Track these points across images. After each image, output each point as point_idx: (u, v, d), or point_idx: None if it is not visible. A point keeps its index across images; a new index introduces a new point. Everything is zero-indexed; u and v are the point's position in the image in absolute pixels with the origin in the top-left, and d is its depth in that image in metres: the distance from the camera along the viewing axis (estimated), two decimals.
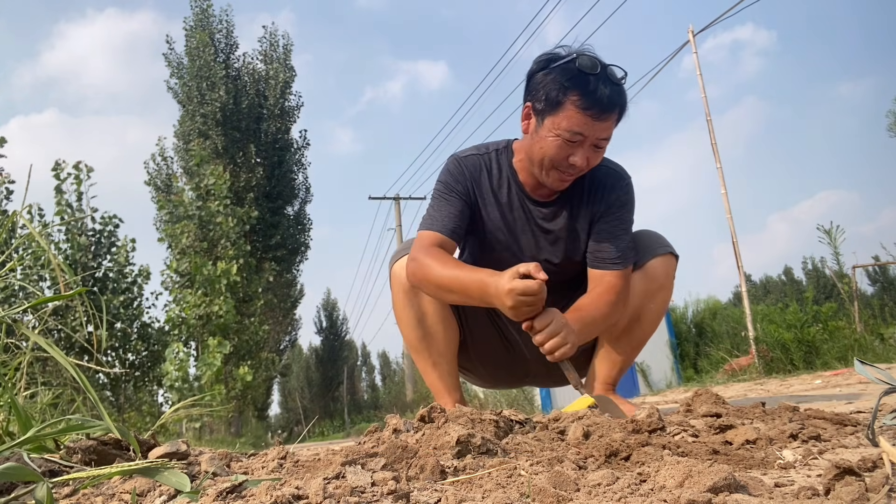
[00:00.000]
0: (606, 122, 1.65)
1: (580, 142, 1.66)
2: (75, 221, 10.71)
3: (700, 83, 9.01)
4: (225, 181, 14.02)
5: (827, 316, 6.86)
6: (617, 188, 1.86)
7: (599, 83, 1.61)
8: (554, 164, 1.71)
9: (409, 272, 1.78)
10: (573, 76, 1.63)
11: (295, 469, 0.95)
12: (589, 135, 1.65)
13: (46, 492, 0.77)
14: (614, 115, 1.66)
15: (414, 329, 1.91)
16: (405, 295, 1.88)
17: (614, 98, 1.63)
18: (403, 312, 1.91)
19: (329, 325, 42.51)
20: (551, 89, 1.66)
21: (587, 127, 1.63)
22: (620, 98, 1.66)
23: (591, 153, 1.69)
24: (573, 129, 1.64)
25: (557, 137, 1.66)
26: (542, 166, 1.74)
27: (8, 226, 1.49)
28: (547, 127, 1.68)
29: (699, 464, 0.78)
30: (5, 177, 9.58)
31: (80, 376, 0.96)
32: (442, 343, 1.92)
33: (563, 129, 1.65)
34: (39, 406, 2.02)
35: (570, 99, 1.63)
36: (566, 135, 1.65)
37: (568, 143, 1.66)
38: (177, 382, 11.13)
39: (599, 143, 1.68)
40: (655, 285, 1.88)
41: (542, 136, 1.70)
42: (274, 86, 21.96)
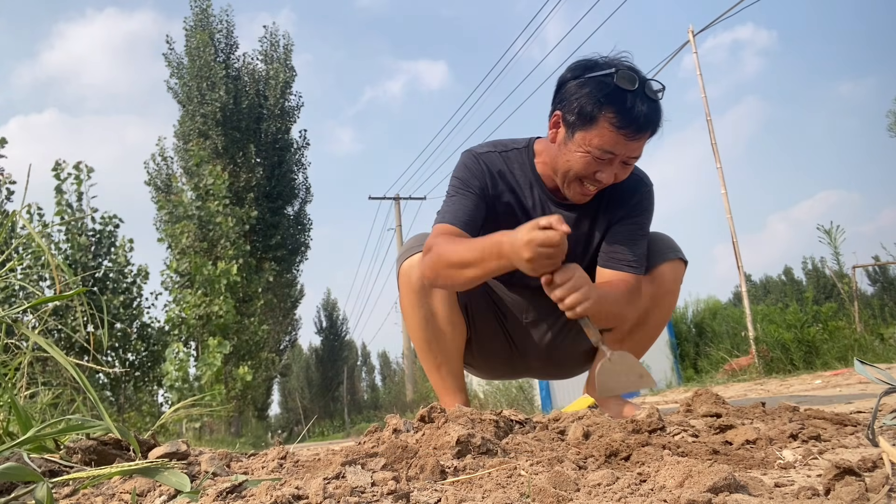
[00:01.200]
0: (640, 142, 1.59)
1: (610, 160, 1.60)
2: (75, 221, 10.72)
3: (700, 83, 9.02)
4: (224, 181, 14.02)
5: (827, 316, 6.86)
6: (638, 193, 1.82)
7: (637, 100, 1.54)
8: (577, 175, 1.66)
9: (425, 264, 1.71)
10: (610, 92, 1.55)
11: (295, 469, 0.95)
12: (620, 153, 1.59)
13: (46, 492, 0.77)
14: (647, 134, 1.61)
15: (422, 330, 1.87)
16: (415, 295, 1.84)
17: (651, 116, 1.57)
18: (412, 313, 1.86)
19: (329, 325, 42.52)
20: (586, 103, 1.58)
21: (619, 146, 1.57)
22: (657, 116, 1.59)
23: (619, 170, 1.64)
24: (605, 147, 1.58)
25: (587, 154, 1.60)
26: (565, 178, 1.69)
27: (8, 226, 1.49)
28: (577, 141, 1.62)
29: (699, 464, 0.78)
30: (6, 177, 9.58)
31: (80, 376, 0.96)
32: (449, 344, 1.89)
33: (595, 147, 1.59)
34: (39, 406, 2.02)
35: (604, 115, 1.56)
36: (596, 152, 1.59)
37: (597, 161, 1.60)
38: (177, 382, 11.13)
39: (629, 160, 1.63)
40: (663, 290, 1.86)
41: (571, 149, 1.64)
42: (274, 86, 21.96)
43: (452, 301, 1.86)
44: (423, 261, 1.73)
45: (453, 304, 1.86)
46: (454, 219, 1.73)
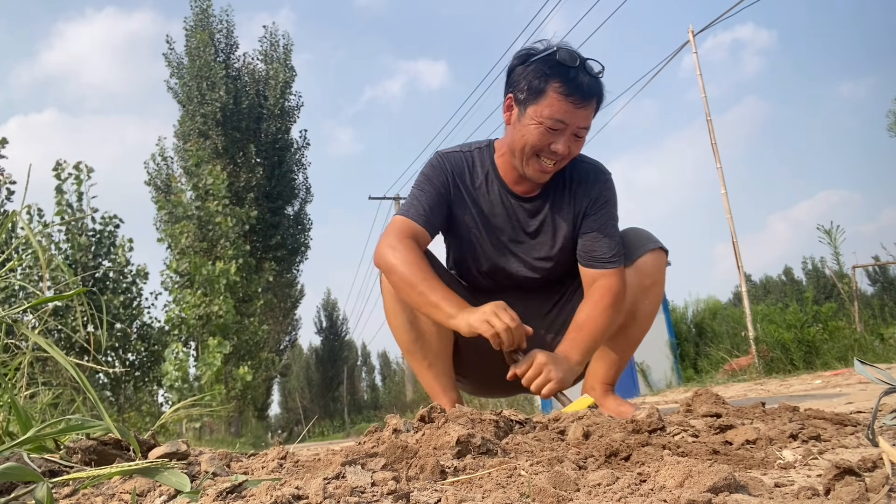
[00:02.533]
0: (587, 111, 1.70)
1: (562, 129, 1.70)
2: (75, 221, 10.72)
3: (700, 83, 9.02)
4: (223, 181, 14.02)
5: (827, 316, 6.86)
6: (599, 183, 1.89)
7: (579, 73, 1.67)
8: (535, 151, 1.74)
9: (379, 255, 1.77)
10: (554, 65, 1.69)
11: (295, 469, 0.95)
12: (570, 122, 1.69)
13: (46, 492, 0.77)
14: (593, 104, 1.71)
15: (406, 332, 1.90)
16: (395, 298, 1.86)
17: (594, 87, 1.69)
18: (395, 315, 1.90)
19: (329, 325, 42.53)
20: (533, 79, 1.71)
21: (568, 114, 1.68)
22: (599, 87, 1.72)
23: (572, 142, 1.73)
24: (555, 116, 1.68)
25: (540, 125, 1.70)
26: (523, 155, 1.76)
27: (8, 226, 1.49)
28: (529, 115, 1.72)
29: (699, 464, 0.78)
30: (7, 177, 9.58)
31: (80, 376, 0.96)
32: (436, 344, 1.91)
33: (546, 117, 1.69)
34: (39, 406, 2.02)
35: (552, 86, 1.68)
36: (548, 122, 1.69)
37: (550, 131, 1.70)
38: (177, 382, 11.14)
39: (579, 131, 1.73)
40: (649, 281, 1.90)
41: (525, 124, 1.74)
42: (274, 86, 21.98)
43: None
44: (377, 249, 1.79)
45: None
46: (415, 214, 1.81)
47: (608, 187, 1.91)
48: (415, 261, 1.71)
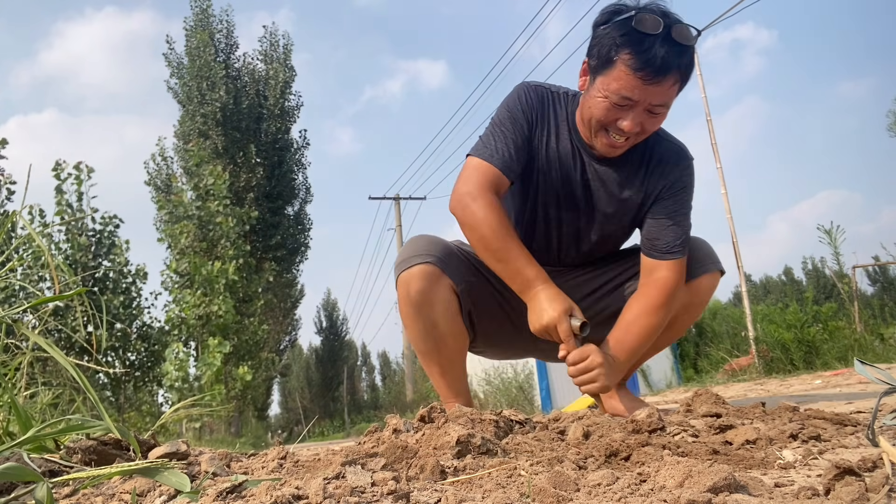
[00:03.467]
0: (660, 87, 1.51)
1: (630, 105, 1.55)
2: (75, 221, 10.72)
3: (700, 83, 9.02)
4: (224, 181, 14.02)
5: (827, 316, 6.86)
6: (679, 167, 1.77)
7: (657, 43, 1.47)
8: (602, 126, 1.61)
9: (457, 213, 1.68)
10: (627, 33, 1.50)
11: (295, 469, 0.95)
12: (639, 99, 1.53)
13: (46, 492, 0.77)
14: (671, 79, 1.51)
15: (423, 341, 1.87)
16: (414, 308, 1.82)
17: (671, 60, 1.48)
18: (412, 324, 1.86)
19: (329, 325, 42.51)
20: (604, 46, 1.55)
21: (637, 91, 1.51)
22: (680, 60, 1.50)
23: (644, 118, 1.57)
24: (622, 91, 1.52)
25: (606, 99, 1.56)
26: (590, 127, 1.65)
27: (8, 226, 1.49)
28: (597, 86, 1.58)
29: (699, 464, 0.78)
30: (7, 178, 9.58)
31: (80, 376, 0.96)
32: (450, 353, 1.89)
33: (612, 92, 1.54)
34: (39, 406, 2.02)
35: (621, 58, 1.51)
36: (614, 97, 1.54)
37: (616, 107, 1.56)
38: (177, 382, 11.14)
39: (654, 108, 1.56)
40: (697, 300, 1.86)
41: (592, 95, 1.60)
42: (274, 86, 21.98)
43: (453, 311, 1.84)
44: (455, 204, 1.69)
45: (454, 315, 1.84)
46: (498, 160, 1.67)
47: (688, 173, 1.77)
48: (496, 222, 1.61)
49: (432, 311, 1.81)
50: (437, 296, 1.80)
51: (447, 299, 1.81)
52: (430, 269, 1.78)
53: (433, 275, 1.78)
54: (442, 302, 1.80)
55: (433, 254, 1.80)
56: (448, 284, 1.81)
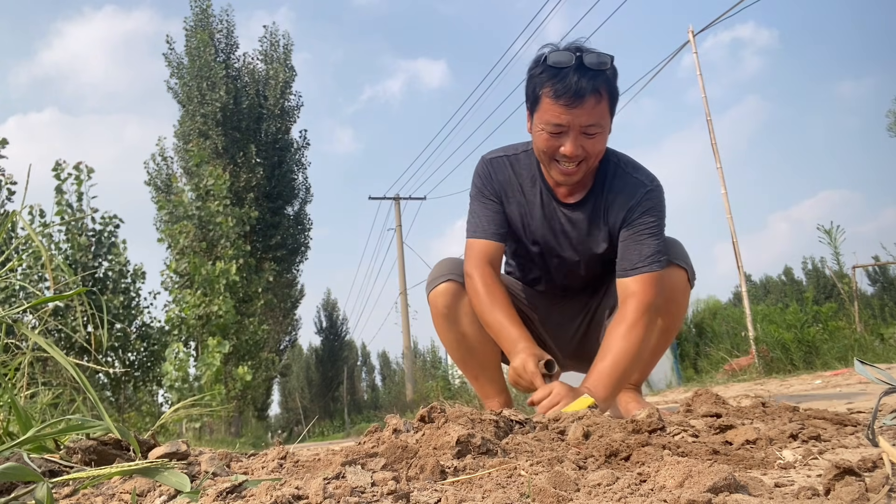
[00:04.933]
0: (583, 109, 1.64)
1: (563, 132, 1.68)
2: (75, 221, 10.72)
3: (700, 83, 9.02)
4: (224, 181, 14.02)
5: (827, 316, 6.87)
6: (636, 196, 1.85)
7: (570, 72, 1.62)
8: (548, 157, 1.75)
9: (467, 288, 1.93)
10: (544, 70, 1.67)
11: (295, 469, 0.95)
12: (568, 123, 1.66)
13: (46, 492, 0.77)
14: (592, 100, 1.64)
15: (456, 350, 2.08)
16: (444, 320, 2.02)
17: (585, 85, 1.62)
18: (444, 335, 2.07)
19: (329, 325, 42.50)
20: (531, 87, 1.74)
21: (563, 116, 1.65)
22: (595, 83, 1.63)
23: (583, 141, 1.69)
24: (551, 120, 1.67)
25: (542, 131, 1.72)
26: (542, 160, 1.81)
27: (8, 226, 1.49)
28: (535, 123, 1.75)
29: (699, 464, 0.78)
30: (7, 178, 9.58)
31: (80, 376, 0.96)
32: (482, 357, 2.07)
33: (545, 123, 1.69)
34: (39, 406, 2.02)
35: (544, 92, 1.68)
36: (548, 127, 1.69)
37: (553, 136, 1.70)
38: (177, 382, 11.13)
39: (588, 130, 1.68)
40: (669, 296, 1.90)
41: (535, 132, 1.77)
42: (274, 86, 21.97)
43: (479, 323, 1.98)
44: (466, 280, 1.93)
45: (480, 326, 1.98)
46: (487, 233, 1.91)
47: (648, 198, 1.85)
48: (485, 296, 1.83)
49: (459, 323, 2.01)
50: (462, 309, 1.99)
51: (472, 312, 1.96)
52: (453, 286, 1.99)
53: (457, 291, 1.98)
54: (467, 315, 1.99)
55: (456, 272, 2.00)
56: None
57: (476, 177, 1.97)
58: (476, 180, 1.97)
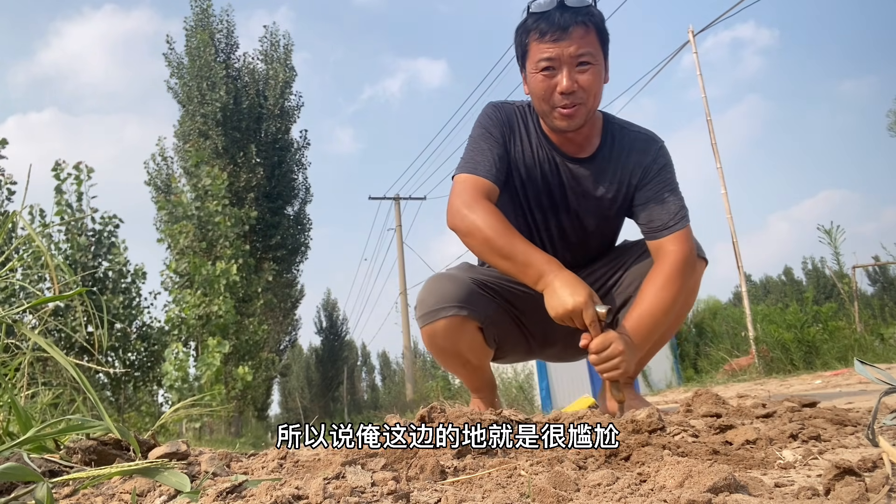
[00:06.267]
0: (571, 39, 1.64)
1: (557, 66, 1.67)
2: (75, 221, 10.71)
3: (700, 83, 9.02)
4: (222, 181, 14.01)
5: (827, 316, 6.87)
6: (649, 152, 1.84)
7: (554, 12, 1.65)
8: (545, 99, 1.72)
9: (456, 225, 1.74)
10: (527, 18, 1.70)
11: (295, 469, 0.95)
12: (559, 56, 1.65)
13: (46, 492, 0.77)
14: (579, 31, 1.65)
15: (458, 374, 2.10)
16: (444, 354, 1.96)
17: (569, 18, 1.64)
18: (442, 363, 2.04)
19: (329, 325, 42.50)
20: (519, 40, 1.75)
21: (553, 50, 1.65)
22: (578, 16, 1.65)
23: (576, 75, 1.67)
24: (542, 58, 1.67)
25: (535, 74, 1.70)
26: (542, 109, 1.76)
27: (8, 226, 1.49)
28: (528, 72, 1.74)
29: (699, 464, 0.78)
30: (7, 178, 9.58)
31: (80, 376, 0.96)
32: (477, 366, 2.04)
33: (535, 64, 1.69)
34: (39, 406, 2.02)
35: (531, 38, 1.70)
36: (540, 66, 1.68)
37: (547, 75, 1.68)
38: (177, 382, 11.13)
39: (579, 60, 1.66)
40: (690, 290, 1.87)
41: (529, 82, 1.74)
42: (274, 86, 21.95)
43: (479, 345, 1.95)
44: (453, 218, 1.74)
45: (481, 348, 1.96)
46: (483, 170, 1.76)
47: (661, 154, 1.85)
48: (497, 221, 1.66)
49: (460, 355, 1.95)
50: (463, 342, 1.90)
51: (473, 339, 1.91)
52: (454, 321, 1.84)
53: (458, 326, 1.85)
54: (468, 342, 1.91)
55: (455, 302, 1.83)
56: (474, 326, 1.89)
57: (484, 118, 1.86)
58: (483, 120, 1.86)
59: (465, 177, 1.76)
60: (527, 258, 1.63)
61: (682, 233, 1.76)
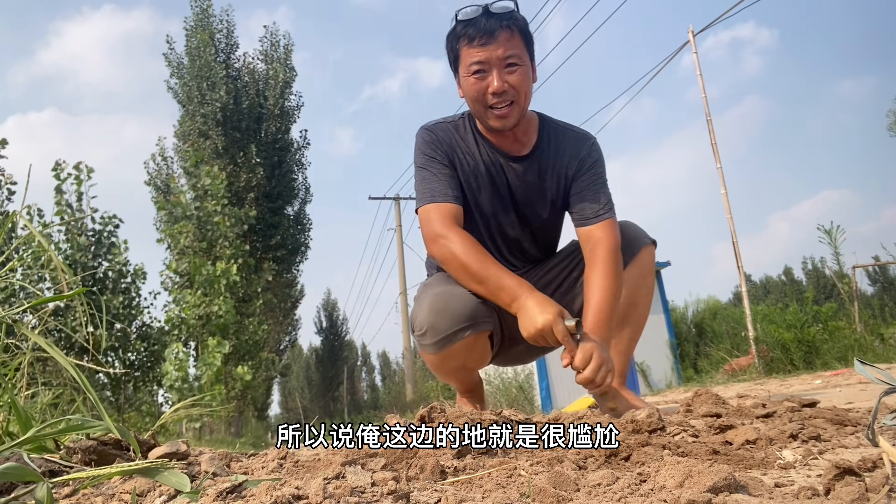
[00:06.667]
0: (498, 42, 1.75)
1: (486, 69, 1.77)
2: (75, 221, 10.71)
3: (700, 83, 9.02)
4: (221, 181, 14.00)
5: (827, 316, 6.87)
6: (584, 147, 1.97)
7: (479, 18, 1.76)
8: (479, 101, 1.81)
9: (434, 254, 1.82)
10: (455, 26, 1.82)
11: (295, 469, 0.95)
12: (488, 59, 1.76)
13: (46, 492, 0.77)
14: (505, 34, 1.75)
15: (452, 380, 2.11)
16: (443, 370, 2.00)
17: (494, 23, 1.75)
18: (438, 374, 2.07)
19: (329, 325, 42.50)
20: (450, 48, 1.86)
21: (482, 54, 1.76)
22: (505, 21, 1.76)
23: (507, 76, 1.77)
24: (471, 62, 1.77)
25: (468, 77, 1.80)
26: (477, 111, 1.86)
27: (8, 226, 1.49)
28: (461, 77, 1.84)
29: (699, 464, 0.78)
30: (7, 178, 9.58)
31: (80, 376, 0.96)
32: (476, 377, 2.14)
33: (467, 68, 1.79)
34: (39, 406, 2.02)
35: (460, 44, 1.81)
36: (471, 70, 1.78)
37: (478, 78, 1.78)
38: (177, 382, 11.12)
39: (507, 61, 1.76)
40: (646, 271, 2.01)
41: (463, 85, 1.85)
42: (274, 86, 21.95)
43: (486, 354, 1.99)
44: (432, 246, 1.82)
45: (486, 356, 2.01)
46: (442, 196, 1.85)
47: (594, 150, 1.98)
48: (469, 247, 1.75)
49: (465, 366, 1.99)
50: (472, 356, 1.92)
51: (483, 348, 1.94)
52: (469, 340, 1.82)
53: (472, 342, 1.85)
54: (477, 353, 1.94)
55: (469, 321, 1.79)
56: (485, 337, 1.92)
57: (422, 145, 1.94)
58: (423, 148, 1.93)
59: (429, 207, 1.85)
60: (499, 282, 1.70)
61: (609, 221, 1.88)
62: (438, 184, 1.87)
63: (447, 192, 1.85)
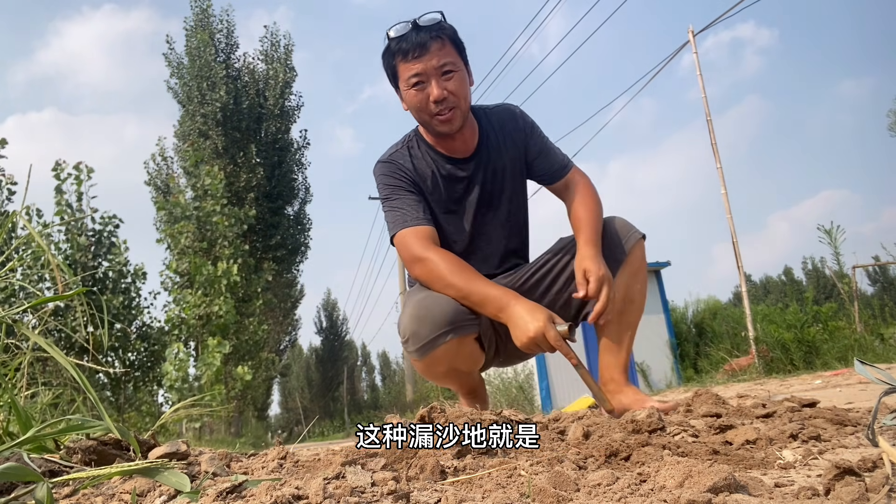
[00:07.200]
0: (431, 53, 1.84)
1: (424, 80, 1.85)
2: (75, 221, 10.71)
3: (700, 83, 9.02)
4: (221, 181, 14.00)
5: (827, 316, 6.87)
6: (516, 118, 2.08)
7: (410, 34, 1.86)
8: (423, 110, 1.89)
9: (418, 276, 1.86)
10: (388, 44, 1.91)
11: (295, 469, 0.95)
12: (424, 70, 1.84)
13: (46, 492, 0.77)
14: (436, 44, 1.84)
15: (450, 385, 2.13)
16: (439, 378, 2.04)
17: (425, 35, 1.85)
18: (440, 383, 2.11)
19: (329, 325, 42.50)
20: (387, 65, 1.95)
21: (417, 66, 1.84)
22: (433, 31, 1.86)
23: (444, 84, 1.86)
24: (409, 75, 1.86)
25: (408, 90, 1.88)
26: (423, 120, 1.94)
27: (8, 226, 1.49)
28: (403, 90, 1.92)
29: (699, 464, 0.78)
30: (8, 178, 9.57)
31: (80, 376, 0.96)
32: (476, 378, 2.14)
33: (406, 81, 1.88)
34: (39, 406, 2.02)
35: (396, 60, 1.89)
36: (411, 83, 1.87)
37: (418, 89, 1.86)
38: (177, 382, 11.12)
39: (443, 69, 1.85)
40: (638, 266, 2.03)
41: (406, 99, 1.92)
42: (274, 86, 21.95)
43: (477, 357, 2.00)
44: (414, 268, 1.87)
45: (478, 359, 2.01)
46: (414, 220, 1.91)
47: (525, 116, 2.10)
48: (451, 263, 1.80)
49: (456, 370, 1.99)
50: (460, 359, 1.92)
51: (471, 351, 1.95)
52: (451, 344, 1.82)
53: (456, 346, 1.84)
54: (465, 356, 1.93)
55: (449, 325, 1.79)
56: (471, 339, 1.91)
57: (383, 178, 2.00)
58: (385, 180, 2.00)
59: (403, 233, 1.90)
60: (484, 294, 1.73)
61: (575, 168, 2.08)
62: (408, 209, 1.93)
63: (418, 216, 1.91)
